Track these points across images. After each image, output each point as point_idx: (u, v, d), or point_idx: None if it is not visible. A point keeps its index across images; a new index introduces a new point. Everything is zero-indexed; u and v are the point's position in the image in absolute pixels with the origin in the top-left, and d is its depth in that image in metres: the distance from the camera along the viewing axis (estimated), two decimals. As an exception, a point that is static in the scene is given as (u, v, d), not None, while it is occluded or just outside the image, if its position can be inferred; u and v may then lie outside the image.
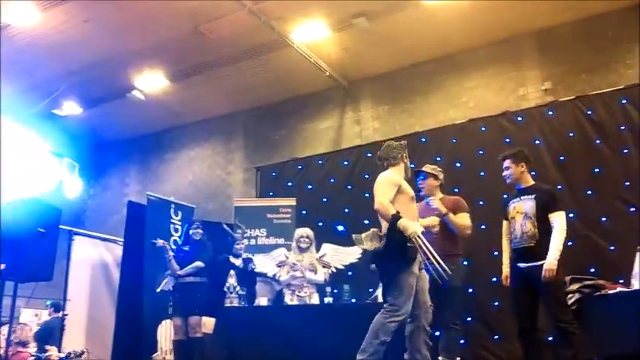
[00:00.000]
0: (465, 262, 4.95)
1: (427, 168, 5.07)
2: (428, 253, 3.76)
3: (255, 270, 6.47)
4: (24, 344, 6.27)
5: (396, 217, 3.74)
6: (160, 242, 6.00)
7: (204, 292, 5.92)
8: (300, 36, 8.45)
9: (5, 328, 5.49)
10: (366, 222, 6.82)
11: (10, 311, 5.45)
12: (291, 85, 10.00)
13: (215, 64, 9.52)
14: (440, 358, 4.60)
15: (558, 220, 4.17)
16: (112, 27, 8.46)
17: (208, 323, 5.92)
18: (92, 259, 7.33)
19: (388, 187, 3.93)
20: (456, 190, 5.31)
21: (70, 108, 10.44)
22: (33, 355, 5.90)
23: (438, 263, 3.78)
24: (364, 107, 9.59)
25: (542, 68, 8.24)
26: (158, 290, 6.36)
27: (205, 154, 11.11)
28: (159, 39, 8.73)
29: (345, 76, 9.61)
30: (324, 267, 6.11)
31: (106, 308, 7.02)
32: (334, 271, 6.23)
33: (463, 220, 4.77)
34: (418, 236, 3.72)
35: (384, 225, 3.86)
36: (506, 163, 4.45)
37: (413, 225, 3.75)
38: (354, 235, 6.43)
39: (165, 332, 6.45)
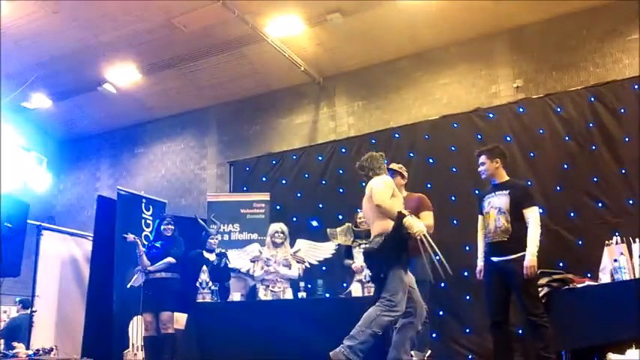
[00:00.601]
0: (437, 257, 4.99)
1: (394, 166, 5.11)
2: (431, 250, 3.86)
3: (229, 265, 6.45)
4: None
5: (403, 215, 3.85)
6: (130, 237, 5.92)
7: (176, 288, 5.87)
8: (274, 30, 8.40)
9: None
10: (340, 217, 6.88)
11: (-24, 308, 5.35)
12: (265, 80, 9.94)
13: (188, 58, 9.40)
14: (412, 352, 4.64)
15: (532, 216, 4.24)
16: (82, 18, 8.30)
17: (180, 319, 5.87)
18: (61, 255, 7.20)
19: (387, 189, 4.04)
20: (428, 185, 5.37)
21: (40, 101, 10.20)
22: (0, 353, 5.78)
23: (440, 261, 3.91)
24: (339, 103, 9.59)
25: (513, 66, 8.34)
26: (128, 286, 6.28)
27: (178, 149, 10.99)
28: (131, 31, 8.59)
29: (319, 72, 9.60)
30: (298, 262, 6.13)
31: (75, 304, 6.90)
32: (308, 266, 6.25)
33: (426, 219, 4.77)
34: (424, 234, 3.84)
35: (378, 226, 4.00)
36: (482, 158, 4.51)
37: (418, 223, 3.87)
38: (328, 230, 6.50)
39: (137, 328, 6.37)
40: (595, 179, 5.90)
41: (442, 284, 5.73)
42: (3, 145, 8.74)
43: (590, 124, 6.07)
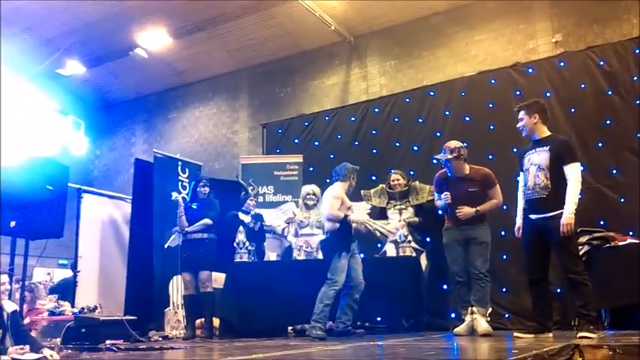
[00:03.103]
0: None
1: (447, 153, 4.96)
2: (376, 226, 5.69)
3: (265, 226, 6.51)
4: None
5: (346, 216, 5.09)
6: (174, 195, 6.04)
7: (213, 248, 5.95)
8: (304, -11, 8.25)
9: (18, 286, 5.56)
10: (374, 178, 6.84)
11: (23, 269, 5.54)
12: (295, 41, 9.83)
13: (218, 20, 9.36)
14: (474, 308, 4.79)
15: (573, 173, 4.10)
16: (112, -18, 8.30)
17: (219, 278, 5.98)
18: (102, 217, 7.35)
19: (334, 201, 5.09)
20: (465, 143, 5.26)
21: (74, 67, 10.35)
22: (48, 310, 6.01)
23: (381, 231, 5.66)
24: (370, 63, 9.43)
25: (552, 20, 8.04)
26: (166, 246, 6.39)
27: (210, 113, 11.04)
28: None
29: (350, 31, 9.42)
30: (323, 228, 6.13)
31: (117, 265, 7.08)
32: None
33: (496, 195, 4.96)
34: (367, 220, 5.47)
35: (327, 225, 5.19)
36: (521, 114, 4.37)
37: (359, 216, 5.33)
38: (362, 191, 6.51)
39: (177, 287, 6.53)
40: (639, 135, 5.70)
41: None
42: (41, 109, 8.91)
43: (635, 77, 5.82)
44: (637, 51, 5.90)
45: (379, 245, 6.28)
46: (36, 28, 9.34)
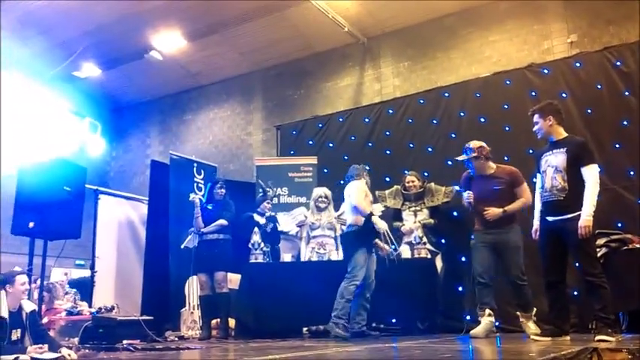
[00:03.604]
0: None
1: (468, 154, 4.97)
2: (388, 238, 5.36)
3: (279, 229, 6.54)
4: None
5: (371, 214, 5.18)
6: (192, 196, 6.11)
7: (229, 249, 5.98)
8: (317, -9, 8.27)
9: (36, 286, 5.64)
10: (387, 179, 6.84)
11: (42, 269, 5.60)
12: (308, 43, 9.85)
13: (231, 23, 9.40)
14: (518, 313, 4.89)
15: (591, 174, 4.06)
16: (128, -15, 8.37)
17: (234, 279, 6.01)
18: (118, 218, 7.44)
19: (360, 192, 5.22)
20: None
21: (90, 69, 10.44)
22: (66, 310, 6.08)
23: (393, 244, 5.48)
24: (384, 64, 9.42)
25: (567, 20, 7.97)
26: (182, 246, 6.44)
27: (225, 115, 11.10)
28: (175, -2, 8.62)
29: (364, 32, 9.42)
30: (342, 225, 6.13)
31: (133, 265, 7.15)
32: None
33: (525, 193, 4.90)
34: (386, 231, 5.26)
35: (352, 218, 5.23)
36: (535, 117, 4.34)
37: (382, 223, 5.22)
38: (377, 192, 6.51)
39: (193, 288, 6.57)
40: (656, 136, 5.64)
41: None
42: (58, 112, 9.00)
43: (652, 78, 5.78)
44: (654, 51, 5.86)
45: (393, 247, 6.26)
46: (51, 31, 9.43)
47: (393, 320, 5.99)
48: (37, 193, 5.18)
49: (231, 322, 5.91)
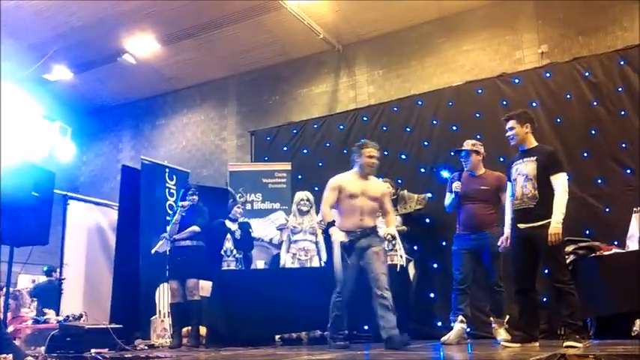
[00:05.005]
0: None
1: (467, 145, 5.09)
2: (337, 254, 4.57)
3: (253, 235, 6.50)
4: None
5: (329, 225, 4.64)
6: (181, 204, 5.91)
7: (201, 256, 5.92)
8: (293, -3, 8.28)
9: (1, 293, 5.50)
10: (362, 186, 6.82)
11: (7, 276, 5.46)
12: (284, 49, 9.86)
13: (206, 27, 9.36)
14: (491, 318, 4.96)
15: (560, 183, 4.14)
16: (101, -12, 8.27)
17: (206, 286, 5.95)
18: (88, 224, 7.31)
19: (327, 193, 4.73)
20: (452, 153, 5.31)
21: (61, 72, 10.27)
22: (32, 318, 5.94)
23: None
24: (359, 71, 9.48)
25: (538, 31, 8.14)
26: (153, 252, 6.35)
27: (198, 120, 11.02)
28: (149, 1, 8.53)
29: (339, 39, 9.47)
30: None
31: (103, 272, 7.03)
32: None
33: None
34: (340, 241, 4.54)
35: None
36: (511, 123, 4.39)
37: (338, 235, 4.55)
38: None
39: (163, 295, 6.48)
40: (623, 145, 5.77)
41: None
42: (27, 115, 8.82)
43: (620, 89, 5.91)
44: (622, 62, 5.99)
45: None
46: (22, 33, 9.26)
47: (366, 327, 5.99)
48: (4, 198, 5.04)
49: (203, 330, 5.84)
